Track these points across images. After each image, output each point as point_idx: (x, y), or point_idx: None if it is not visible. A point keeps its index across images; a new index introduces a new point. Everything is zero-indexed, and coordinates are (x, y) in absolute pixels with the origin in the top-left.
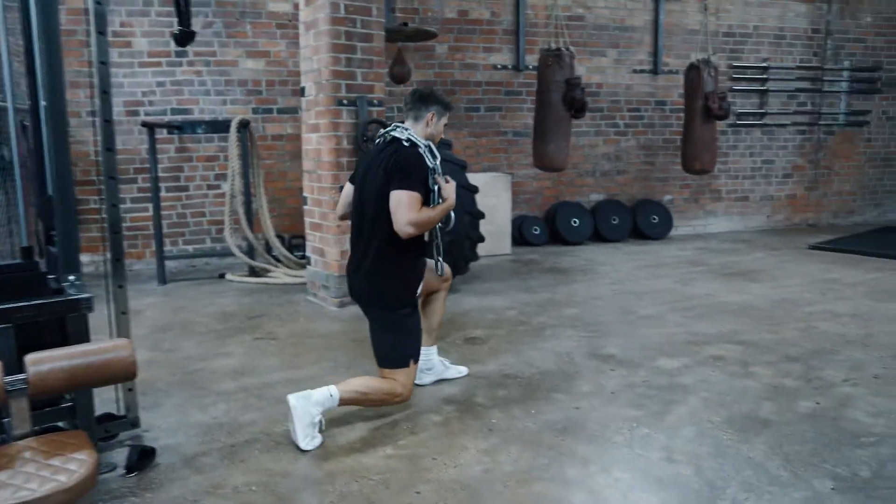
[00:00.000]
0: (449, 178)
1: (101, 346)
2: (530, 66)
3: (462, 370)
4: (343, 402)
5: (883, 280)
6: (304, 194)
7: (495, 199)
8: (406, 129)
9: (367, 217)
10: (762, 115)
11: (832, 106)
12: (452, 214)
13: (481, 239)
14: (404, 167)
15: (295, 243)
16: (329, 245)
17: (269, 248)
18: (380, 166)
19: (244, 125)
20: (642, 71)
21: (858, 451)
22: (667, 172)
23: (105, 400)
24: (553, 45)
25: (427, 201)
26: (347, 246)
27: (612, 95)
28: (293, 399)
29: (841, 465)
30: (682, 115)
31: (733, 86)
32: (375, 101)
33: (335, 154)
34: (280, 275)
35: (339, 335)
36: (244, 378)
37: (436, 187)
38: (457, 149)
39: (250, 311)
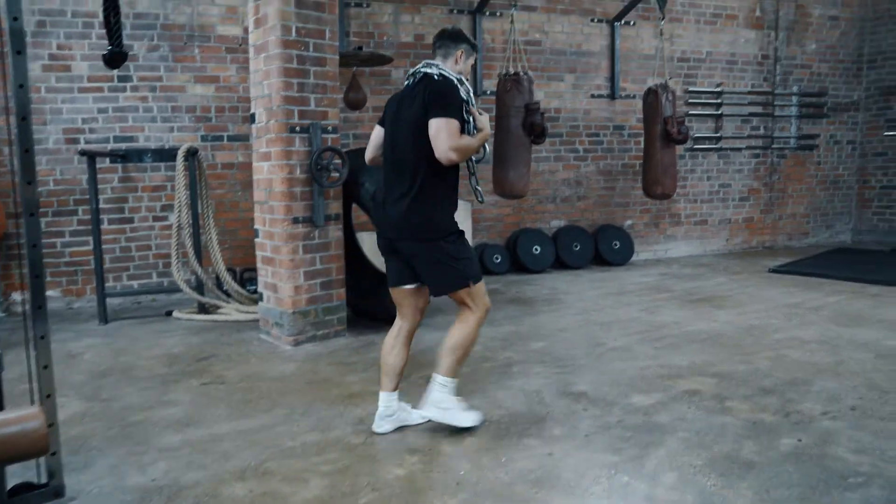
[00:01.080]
0: (482, 110)
1: (4, 418)
2: (488, 92)
3: (425, 415)
4: (451, 370)
5: (844, 304)
6: (256, 226)
7: None
8: (436, 65)
9: (407, 152)
10: (718, 139)
11: (783, 130)
12: (486, 146)
13: None
14: (441, 96)
15: (247, 277)
16: (282, 280)
17: (219, 283)
18: (414, 100)
19: (192, 153)
20: (600, 96)
21: (848, 494)
22: (627, 197)
23: (24, 465)
24: (511, 70)
25: (463, 132)
26: (301, 281)
27: (570, 120)
28: (431, 415)
29: None
30: (640, 139)
31: (689, 110)
32: (329, 128)
33: (288, 184)
34: (231, 311)
35: (294, 377)
36: (189, 430)
37: (470, 119)
38: None
39: (199, 352)
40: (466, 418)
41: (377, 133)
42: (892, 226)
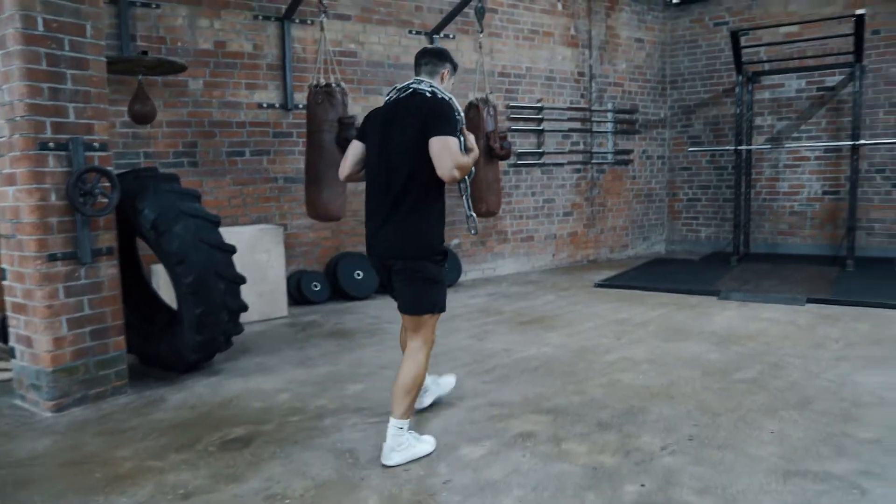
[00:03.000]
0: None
1: None
2: (300, 105)
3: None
4: (407, 411)
5: (667, 317)
6: (3, 265)
7: (265, 254)
8: (426, 82)
9: (399, 169)
10: (541, 154)
11: (601, 146)
12: (474, 169)
13: (243, 308)
14: (442, 114)
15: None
16: (38, 331)
17: None
18: (409, 117)
19: None
20: None
21: None
22: (453, 216)
23: None
24: (323, 81)
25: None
26: (64, 331)
27: None
28: (395, 462)
29: None
30: None
31: (511, 126)
32: (96, 145)
33: (40, 212)
34: None
35: (46, 457)
36: None
37: (462, 138)
38: (220, 199)
39: None
40: (425, 447)
41: (356, 149)
42: (699, 236)
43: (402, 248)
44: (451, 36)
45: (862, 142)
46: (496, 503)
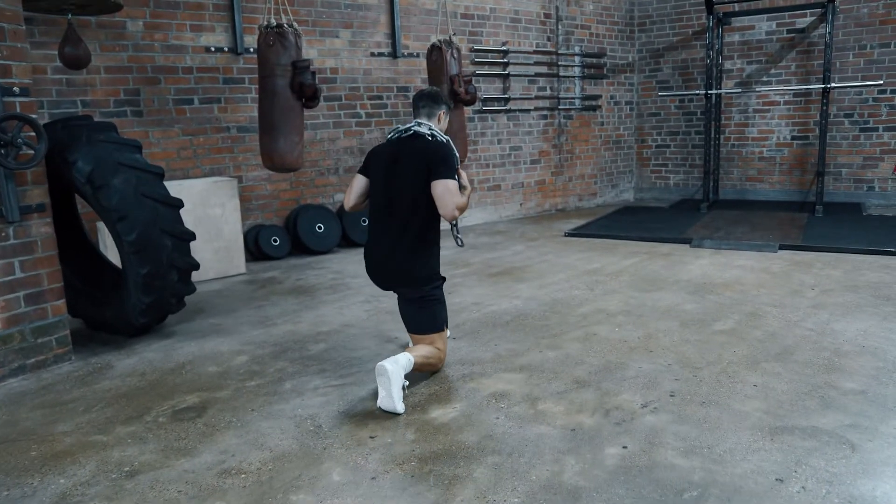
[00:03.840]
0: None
1: None
2: (251, 49)
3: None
4: (416, 366)
5: (640, 265)
6: None
7: (220, 208)
8: (426, 125)
9: (403, 205)
10: (506, 100)
11: (568, 91)
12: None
13: (194, 266)
14: (445, 159)
15: None
16: None
17: None
18: (414, 158)
19: None
20: (381, 54)
21: None
22: None
23: None
24: (273, 21)
25: None
26: None
27: (349, 82)
28: (389, 364)
29: None
30: None
31: (476, 70)
32: (15, 89)
33: None
34: None
35: None
36: None
37: (456, 177)
38: (168, 150)
39: None
40: (400, 402)
41: (360, 182)
42: (668, 183)
43: (411, 278)
44: None
45: (832, 85)
46: (470, 472)
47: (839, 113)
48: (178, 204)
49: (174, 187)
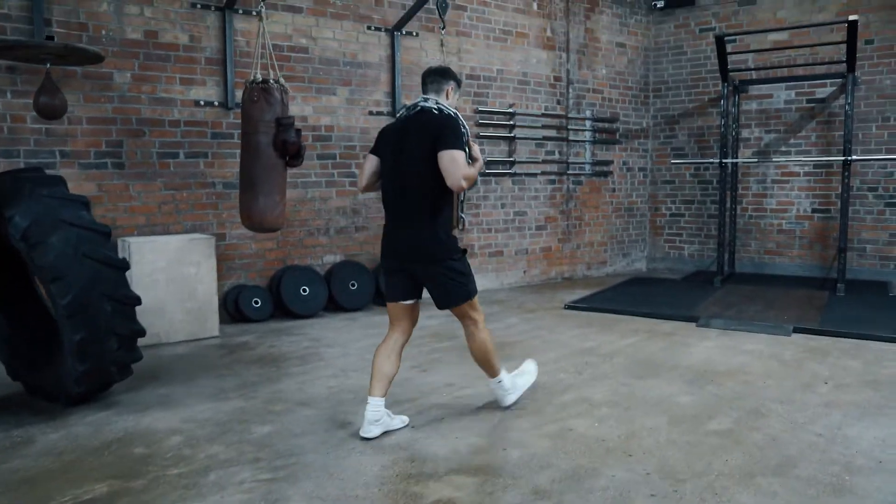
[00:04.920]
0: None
1: None
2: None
3: (405, 419)
4: (497, 370)
5: (638, 346)
6: None
7: (195, 267)
8: (433, 99)
9: (413, 180)
10: (512, 163)
11: (578, 156)
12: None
13: (139, 332)
14: (450, 129)
15: None
16: None
17: None
18: (420, 132)
19: None
20: (379, 113)
21: None
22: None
23: None
24: (259, 76)
25: None
26: None
27: (345, 140)
28: (509, 402)
29: None
30: None
31: (480, 132)
32: None
33: None
34: None
35: None
36: None
37: (467, 149)
38: (149, 205)
39: None
40: (528, 377)
41: (372, 162)
42: (682, 253)
43: (427, 253)
44: (414, 33)
45: (854, 157)
46: None
47: (862, 186)
48: (123, 266)
49: (147, 244)
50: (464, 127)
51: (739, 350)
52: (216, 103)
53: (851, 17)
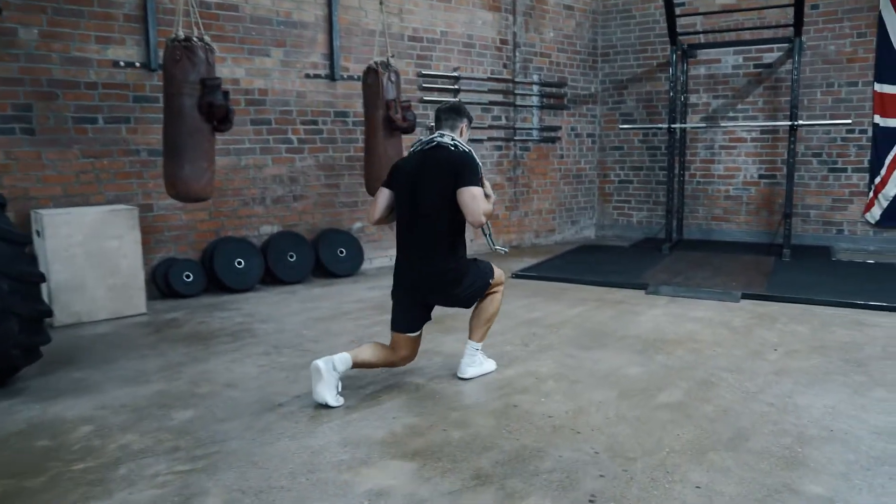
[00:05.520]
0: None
1: None
2: None
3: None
4: (483, 339)
5: (586, 315)
6: None
7: (117, 240)
8: (448, 135)
9: (430, 215)
10: None
11: (525, 121)
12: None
13: (45, 312)
14: (470, 167)
15: None
16: None
17: None
18: (438, 169)
19: None
20: (317, 76)
21: None
22: (355, 196)
23: None
24: (181, 34)
25: None
26: None
27: (281, 105)
28: (469, 375)
29: None
30: None
31: (424, 96)
32: None
33: None
34: None
35: None
36: None
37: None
38: (65, 174)
39: None
40: (490, 364)
41: (385, 195)
42: (630, 220)
43: (444, 283)
44: None
45: (800, 122)
46: None
47: (807, 152)
48: (22, 240)
49: (61, 216)
50: (478, 164)
51: (688, 317)
52: (137, 64)
53: None
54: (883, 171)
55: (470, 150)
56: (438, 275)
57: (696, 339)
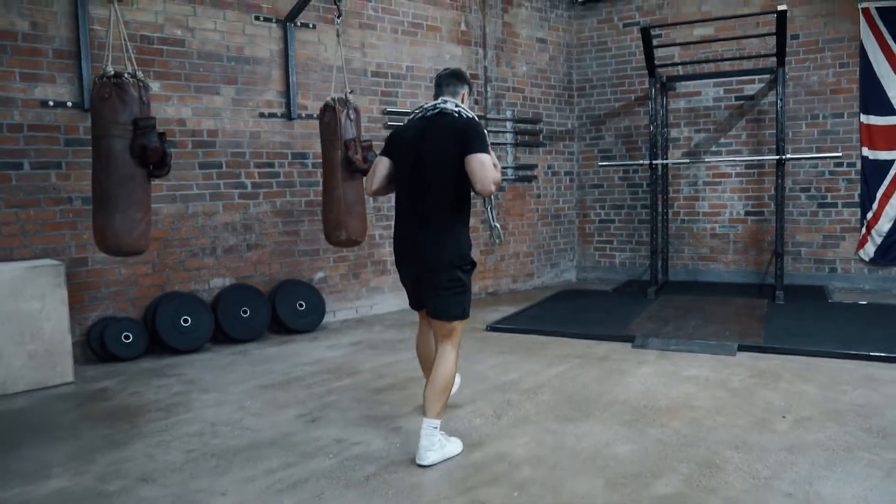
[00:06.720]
0: None
1: None
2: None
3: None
4: (442, 414)
5: (568, 376)
6: None
7: (38, 301)
8: (451, 101)
9: (434, 184)
10: None
11: (500, 160)
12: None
13: None
14: (476, 133)
15: None
16: None
17: None
18: (443, 136)
19: None
20: (272, 115)
21: None
22: (315, 243)
23: None
24: (110, 70)
25: None
26: None
27: (232, 146)
28: (431, 461)
29: None
30: None
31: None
32: None
33: None
34: None
35: None
36: None
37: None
38: None
39: None
40: (455, 447)
41: (384, 165)
42: (613, 261)
43: (440, 257)
44: (311, 25)
45: (788, 156)
46: None
47: (795, 187)
48: None
49: None
50: (484, 131)
51: (681, 377)
52: (69, 104)
53: (780, 7)
54: (875, 206)
55: (475, 117)
56: (437, 245)
57: (693, 405)
